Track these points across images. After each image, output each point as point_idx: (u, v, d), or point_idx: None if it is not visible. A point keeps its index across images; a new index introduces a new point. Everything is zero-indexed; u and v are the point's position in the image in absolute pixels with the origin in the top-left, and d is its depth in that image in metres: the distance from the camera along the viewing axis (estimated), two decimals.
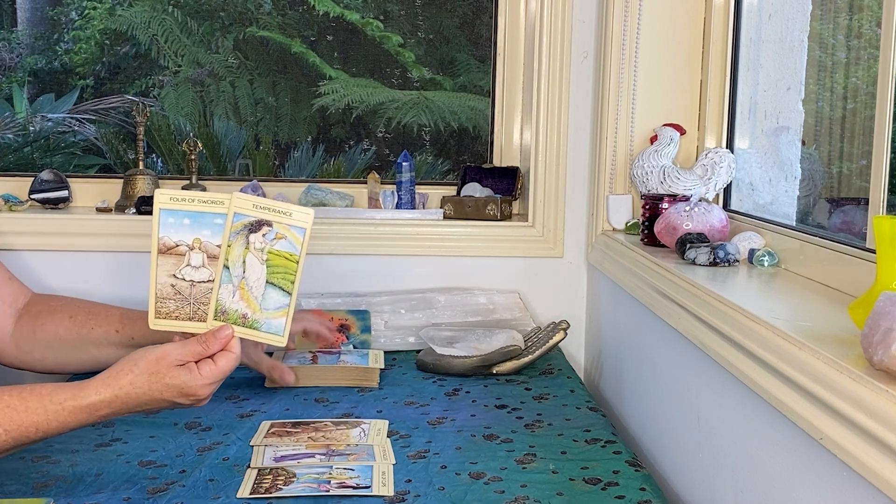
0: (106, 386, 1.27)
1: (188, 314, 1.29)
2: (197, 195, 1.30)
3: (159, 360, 1.27)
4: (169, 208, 1.29)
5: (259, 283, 1.28)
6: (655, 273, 1.74)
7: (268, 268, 1.28)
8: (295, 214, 1.28)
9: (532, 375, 1.96)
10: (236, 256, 1.28)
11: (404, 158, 2.31)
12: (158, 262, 1.29)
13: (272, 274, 1.28)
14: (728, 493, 1.40)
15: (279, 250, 1.28)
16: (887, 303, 0.99)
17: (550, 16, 2.20)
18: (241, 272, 1.28)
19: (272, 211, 1.28)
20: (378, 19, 5.49)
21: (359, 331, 2.09)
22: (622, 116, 2.13)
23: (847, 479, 1.04)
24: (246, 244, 1.27)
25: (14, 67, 5.61)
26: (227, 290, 1.28)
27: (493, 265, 2.30)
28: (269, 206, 1.28)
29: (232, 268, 1.28)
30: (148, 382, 1.26)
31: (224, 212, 1.27)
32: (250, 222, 1.27)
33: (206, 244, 1.28)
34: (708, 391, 1.49)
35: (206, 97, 5.38)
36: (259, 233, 1.28)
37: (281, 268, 1.28)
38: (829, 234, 1.62)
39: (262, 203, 1.28)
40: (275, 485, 1.36)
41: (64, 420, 1.26)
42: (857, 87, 1.72)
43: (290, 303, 1.29)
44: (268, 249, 1.28)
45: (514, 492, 1.36)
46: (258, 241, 1.28)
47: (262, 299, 1.29)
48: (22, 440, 1.25)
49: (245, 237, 1.27)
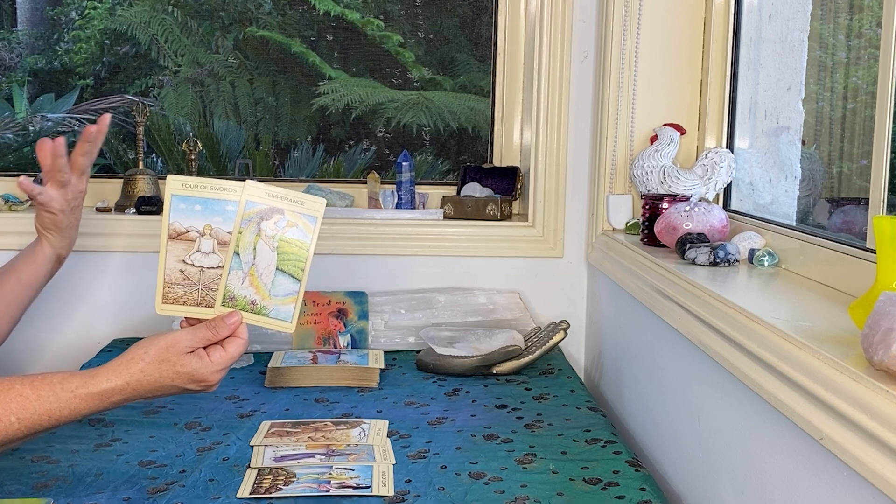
0: (117, 374, 1.27)
1: (196, 299, 1.29)
2: (209, 182, 1.30)
3: (170, 348, 1.27)
4: (181, 194, 1.28)
5: (269, 270, 1.29)
6: (655, 273, 1.74)
7: (278, 255, 1.29)
8: (307, 203, 1.29)
9: (532, 375, 1.96)
10: (247, 243, 1.28)
11: (404, 158, 2.31)
12: (168, 247, 1.28)
13: (282, 261, 1.29)
14: (728, 493, 1.40)
15: (290, 238, 1.29)
16: (887, 303, 0.99)
17: (550, 16, 2.20)
18: (252, 259, 1.28)
19: (284, 199, 1.28)
20: (378, 19, 5.48)
21: (356, 316, 2.08)
22: (622, 116, 2.13)
23: (847, 479, 1.04)
24: (257, 231, 1.28)
25: (14, 67, 5.61)
26: (236, 277, 1.29)
27: (493, 265, 2.30)
28: (280, 195, 1.29)
29: (242, 254, 1.28)
30: (159, 370, 1.27)
31: (236, 199, 1.27)
32: (262, 210, 1.28)
33: (217, 230, 1.28)
34: (708, 391, 1.49)
35: (206, 97, 5.38)
36: (271, 220, 1.28)
37: (291, 255, 1.29)
38: (829, 234, 1.62)
39: (274, 191, 1.29)
40: (275, 485, 1.36)
41: (76, 407, 1.26)
42: (858, 87, 1.71)
43: (300, 289, 1.29)
44: (279, 237, 1.28)
45: (514, 492, 1.36)
46: (269, 228, 1.28)
47: (271, 286, 1.29)
48: (34, 428, 1.25)
49: (256, 224, 1.28)
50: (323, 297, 2.10)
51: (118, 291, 2.24)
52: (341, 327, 2.07)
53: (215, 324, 1.28)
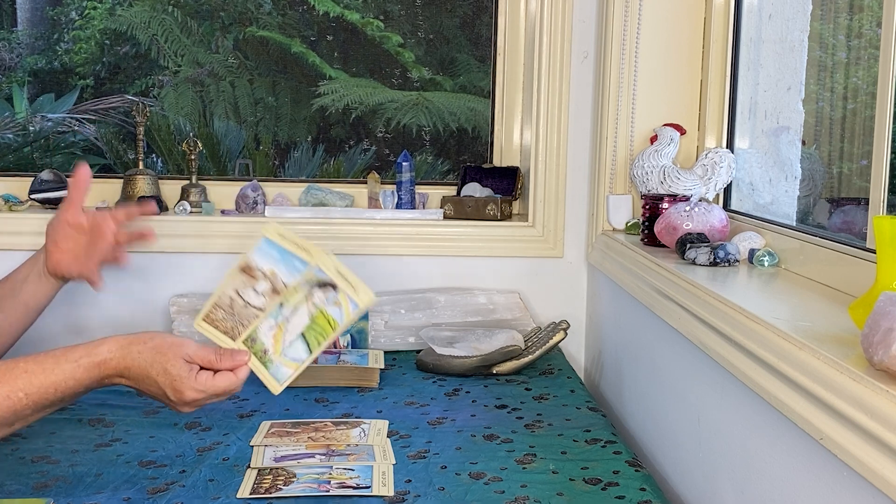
0: (119, 346, 1.29)
1: (226, 328, 1.35)
2: (299, 241, 1.37)
3: (171, 346, 1.29)
4: (272, 240, 1.37)
5: (295, 331, 1.34)
6: (655, 273, 1.74)
7: (310, 322, 1.34)
8: (360, 292, 1.34)
9: (532, 375, 1.96)
10: (294, 301, 1.34)
11: (404, 158, 2.31)
12: (234, 275, 1.36)
13: (309, 329, 1.34)
14: (728, 493, 1.40)
15: (329, 314, 1.34)
16: (887, 303, 0.99)
17: (550, 16, 2.20)
18: (289, 315, 1.34)
19: (344, 279, 1.34)
20: (378, 19, 5.48)
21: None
22: (622, 116, 2.13)
23: (847, 479, 1.04)
24: (308, 295, 1.34)
25: (14, 67, 5.61)
26: (267, 324, 1.34)
27: (493, 265, 2.30)
28: (345, 274, 1.35)
29: (284, 307, 1.34)
30: (152, 358, 1.28)
31: (308, 261, 1.34)
32: (323, 281, 1.34)
33: (278, 279, 1.35)
34: (708, 391, 1.49)
35: (206, 97, 5.38)
36: (323, 291, 1.34)
37: (319, 328, 1.34)
38: (829, 234, 1.62)
39: (341, 269, 1.35)
40: (275, 485, 1.36)
41: (79, 378, 1.28)
42: (858, 87, 1.71)
43: (307, 361, 1.34)
44: (321, 308, 1.34)
45: (514, 492, 1.36)
46: (319, 297, 1.34)
47: (288, 346, 1.34)
48: (42, 402, 1.26)
49: (311, 289, 1.34)
50: None
51: (118, 291, 2.23)
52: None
53: (223, 352, 1.31)
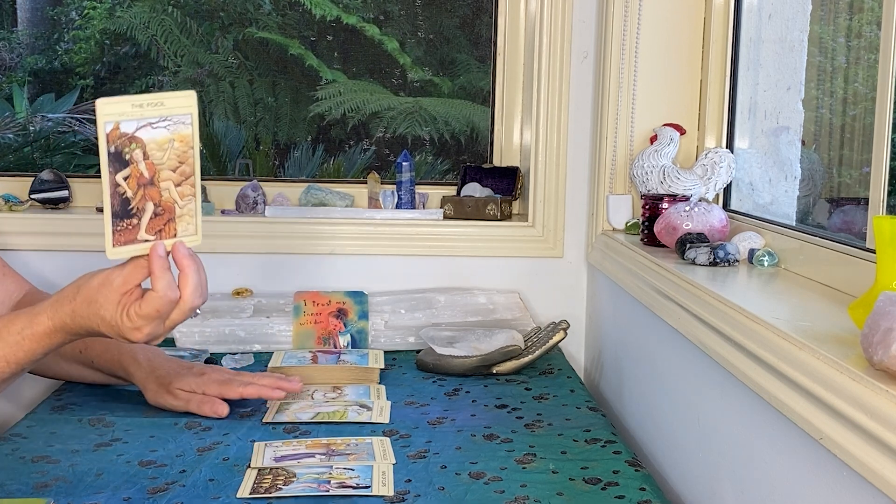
0: (55, 311, 1.22)
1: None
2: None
3: (99, 290, 1.19)
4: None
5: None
6: (655, 273, 1.74)
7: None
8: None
9: (532, 375, 1.96)
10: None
11: (404, 158, 2.31)
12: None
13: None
14: (728, 494, 1.40)
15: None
16: (887, 303, 0.99)
17: (550, 16, 2.20)
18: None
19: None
20: (378, 20, 5.49)
21: (356, 316, 2.08)
22: (622, 116, 2.13)
23: (847, 479, 1.04)
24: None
25: (14, 67, 5.61)
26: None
27: (493, 265, 2.30)
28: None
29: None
30: (87, 312, 1.20)
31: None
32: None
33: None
34: (708, 391, 1.49)
35: (206, 97, 5.39)
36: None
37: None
38: (829, 234, 1.62)
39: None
40: (275, 485, 1.36)
41: (30, 348, 1.22)
42: (857, 88, 1.72)
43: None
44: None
45: (514, 492, 1.36)
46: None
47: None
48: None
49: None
50: (323, 297, 2.10)
51: None
52: (341, 327, 2.07)
53: (138, 262, 1.18)
